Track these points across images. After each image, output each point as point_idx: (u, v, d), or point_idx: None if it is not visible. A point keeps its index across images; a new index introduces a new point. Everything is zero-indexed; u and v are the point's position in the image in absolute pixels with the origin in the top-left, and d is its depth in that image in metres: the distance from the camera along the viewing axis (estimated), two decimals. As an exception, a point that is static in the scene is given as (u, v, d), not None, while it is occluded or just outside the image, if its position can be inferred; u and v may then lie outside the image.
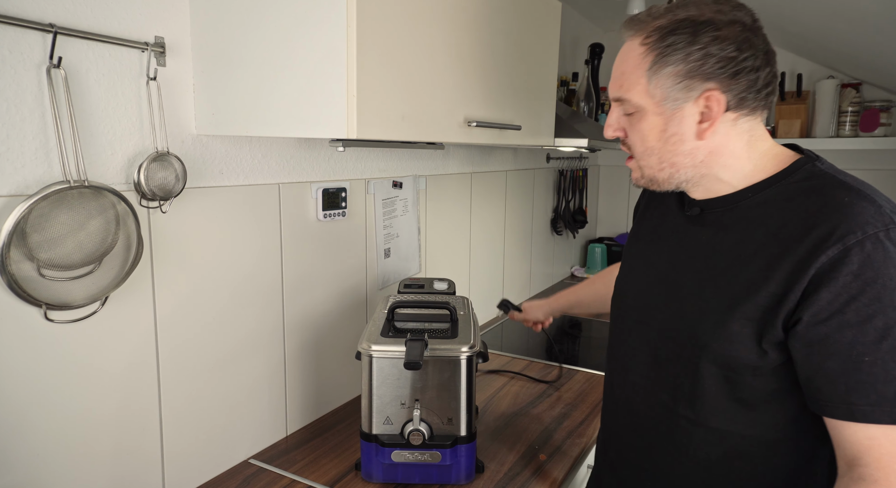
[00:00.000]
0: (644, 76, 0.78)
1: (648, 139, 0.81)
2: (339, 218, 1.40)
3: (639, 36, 0.79)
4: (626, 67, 0.81)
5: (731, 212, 0.82)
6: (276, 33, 0.93)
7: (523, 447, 1.28)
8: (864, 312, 0.68)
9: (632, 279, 0.97)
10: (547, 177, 2.67)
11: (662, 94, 0.78)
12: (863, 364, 0.68)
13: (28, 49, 0.82)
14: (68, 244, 0.85)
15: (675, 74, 0.77)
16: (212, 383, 1.15)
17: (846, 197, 0.73)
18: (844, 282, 0.68)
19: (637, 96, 0.80)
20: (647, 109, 0.80)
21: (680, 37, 0.76)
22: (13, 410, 0.85)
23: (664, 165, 0.82)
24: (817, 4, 1.80)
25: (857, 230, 0.69)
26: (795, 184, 0.78)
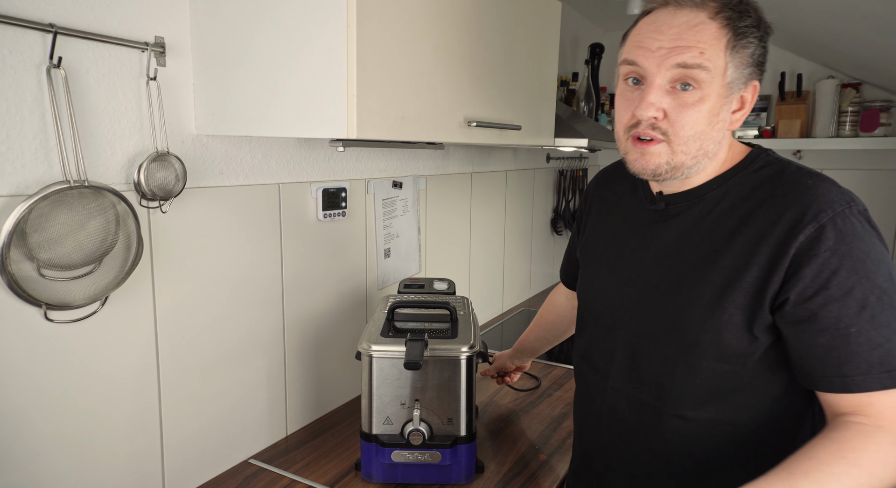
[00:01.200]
0: (724, 55, 0.73)
1: (700, 122, 0.76)
2: (339, 218, 1.40)
3: (704, 10, 0.73)
4: (702, 40, 0.73)
5: (697, 205, 0.83)
6: (276, 33, 0.93)
7: (523, 447, 1.28)
8: (844, 285, 0.71)
9: (598, 284, 0.96)
10: (547, 177, 2.67)
11: (733, 77, 0.75)
12: (850, 335, 0.71)
13: (28, 49, 0.82)
14: (68, 244, 0.85)
15: (748, 58, 0.75)
16: (212, 383, 1.15)
17: (809, 180, 0.76)
18: (824, 258, 0.71)
19: (715, 76, 0.74)
20: (713, 90, 0.74)
21: (751, 18, 0.74)
22: (13, 410, 0.85)
23: (700, 153, 0.78)
24: (817, 4, 1.79)
25: (827, 209, 0.72)
26: (755, 173, 0.80)
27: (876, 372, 0.70)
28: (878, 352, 0.70)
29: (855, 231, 0.72)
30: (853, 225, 0.72)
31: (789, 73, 2.63)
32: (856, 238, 0.71)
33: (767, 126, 2.65)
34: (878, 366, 0.70)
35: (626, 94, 0.81)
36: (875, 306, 0.70)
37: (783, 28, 2.27)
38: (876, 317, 0.70)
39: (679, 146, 0.77)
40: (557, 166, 2.73)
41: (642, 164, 0.80)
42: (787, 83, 2.62)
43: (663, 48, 0.74)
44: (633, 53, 0.78)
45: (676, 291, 0.82)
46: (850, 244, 0.71)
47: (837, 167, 2.66)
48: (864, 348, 0.70)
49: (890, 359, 0.70)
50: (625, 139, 0.82)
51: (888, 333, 0.70)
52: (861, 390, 0.71)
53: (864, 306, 0.70)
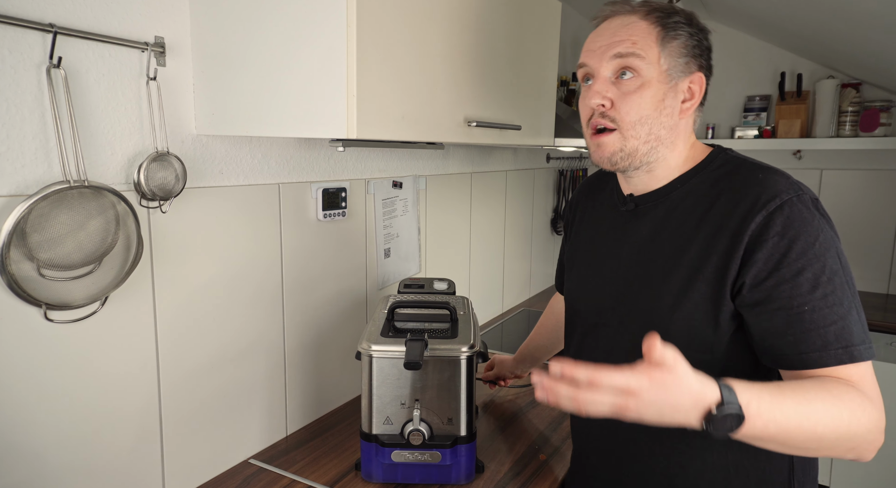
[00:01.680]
0: (656, 45, 0.83)
1: (645, 108, 0.83)
2: (339, 218, 1.40)
3: (635, 14, 0.85)
4: (633, 34, 0.83)
5: (663, 203, 0.88)
6: (276, 33, 0.93)
7: (523, 447, 1.28)
8: (794, 266, 0.75)
9: (580, 286, 1.01)
10: (547, 177, 2.67)
11: (669, 65, 0.83)
12: (804, 314, 0.74)
13: (28, 49, 0.82)
14: (68, 244, 0.85)
15: (681, 48, 0.84)
16: (212, 383, 1.15)
17: (760, 173, 0.82)
18: (773, 242, 0.76)
19: (650, 63, 0.83)
20: (653, 78, 0.83)
21: (679, 17, 0.84)
22: (13, 410, 0.85)
23: (651, 137, 0.85)
24: (817, 4, 1.80)
25: (775, 197, 0.77)
26: (715, 171, 0.86)
27: (832, 348, 0.73)
28: (833, 328, 0.73)
29: (802, 216, 0.76)
30: (800, 211, 0.76)
31: (789, 73, 2.63)
32: (803, 223, 0.76)
33: (767, 126, 2.65)
34: (835, 342, 0.73)
35: (583, 94, 0.90)
36: (826, 285, 0.74)
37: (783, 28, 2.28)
38: (828, 295, 0.74)
39: (628, 131, 0.84)
40: (557, 166, 2.73)
41: (599, 154, 0.87)
42: (787, 83, 2.62)
43: (602, 45, 0.85)
44: (582, 57, 0.89)
45: (648, 286, 0.87)
46: (798, 228, 0.75)
47: (837, 167, 2.66)
48: (819, 325, 0.73)
49: (845, 334, 0.73)
50: (587, 136, 0.90)
51: (841, 311, 0.73)
52: (819, 366, 0.74)
53: (816, 285, 0.74)
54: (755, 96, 2.72)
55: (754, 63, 2.73)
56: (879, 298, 2.56)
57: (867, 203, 2.60)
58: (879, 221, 2.60)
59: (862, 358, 0.73)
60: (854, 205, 2.63)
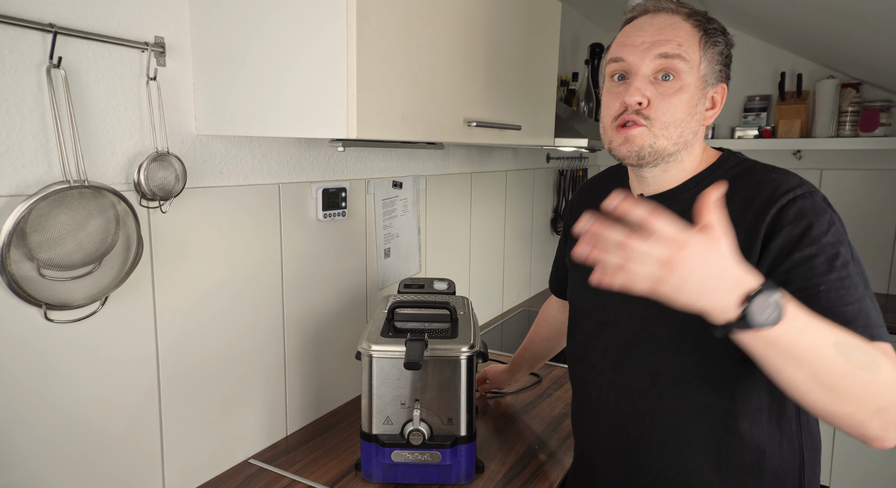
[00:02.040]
0: (699, 49, 0.84)
1: (680, 111, 0.84)
2: (339, 218, 1.40)
3: (679, 13, 0.85)
4: (679, 35, 0.83)
5: (676, 204, 0.88)
6: (276, 33, 0.93)
7: (523, 447, 1.28)
8: (808, 251, 0.76)
9: (584, 285, 1.00)
10: (547, 177, 2.67)
11: (706, 71, 0.85)
12: (820, 293, 0.73)
13: (28, 49, 0.82)
14: (68, 244, 0.85)
15: (718, 56, 0.85)
16: (212, 383, 1.15)
17: (773, 174, 0.84)
18: (787, 231, 0.77)
19: (692, 68, 0.83)
20: (691, 82, 0.84)
21: (717, 25, 0.85)
22: (13, 410, 0.85)
23: (680, 140, 0.86)
24: (817, 4, 1.80)
25: (788, 192, 0.80)
26: (728, 172, 0.88)
27: (853, 326, 0.69)
28: (851, 308, 0.72)
29: (815, 209, 0.78)
30: (813, 203, 0.78)
31: (789, 73, 2.63)
32: (816, 213, 0.77)
33: (767, 126, 2.65)
34: (854, 320, 0.71)
35: (612, 89, 0.88)
36: (842, 270, 0.74)
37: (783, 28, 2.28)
38: (843, 278, 0.74)
39: (660, 131, 0.84)
40: (557, 166, 2.73)
41: (627, 148, 0.86)
42: (787, 83, 2.62)
43: (646, 42, 0.84)
44: (618, 51, 0.87)
45: None
46: (811, 218, 0.77)
47: (837, 167, 2.66)
48: (836, 304, 0.72)
49: (863, 315, 0.72)
50: (610, 129, 0.88)
51: (858, 294, 0.73)
52: None
53: (831, 269, 0.74)
54: (755, 96, 2.72)
55: (754, 63, 2.73)
56: (879, 298, 2.56)
57: (867, 203, 2.60)
58: (879, 221, 2.60)
59: (883, 338, 0.70)
60: (854, 205, 2.63)
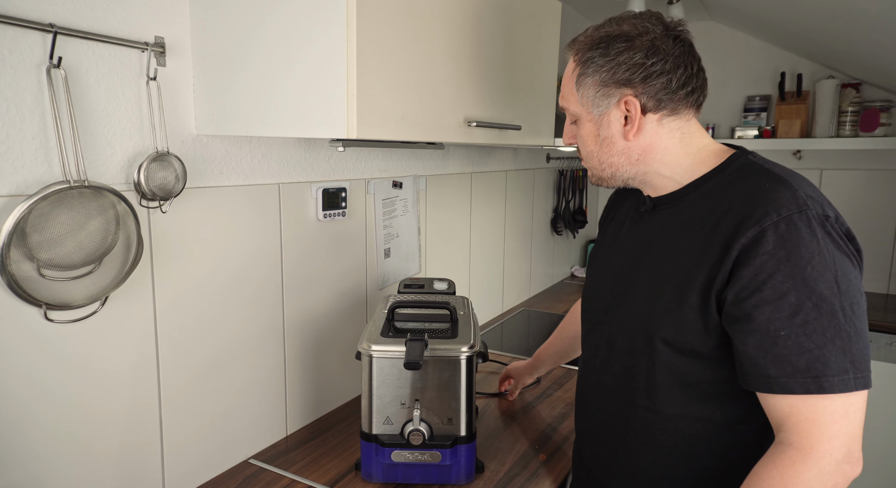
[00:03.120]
0: (574, 88, 0.89)
1: (588, 143, 0.91)
2: (339, 218, 1.40)
3: (571, 53, 0.91)
4: (564, 81, 0.92)
5: (677, 206, 0.88)
6: (276, 33, 0.93)
7: (523, 447, 1.28)
8: (779, 289, 0.72)
9: (592, 284, 1.03)
10: (547, 177, 2.67)
11: (589, 102, 0.88)
12: (779, 338, 0.73)
13: (28, 49, 0.82)
14: (68, 244, 0.85)
15: (594, 84, 0.86)
16: (212, 383, 1.15)
17: (766, 183, 0.79)
18: (761, 261, 0.73)
19: (573, 106, 0.90)
20: (582, 117, 0.90)
21: (597, 50, 0.85)
22: (13, 410, 0.85)
23: (604, 166, 0.90)
24: (817, 4, 1.80)
25: (772, 213, 0.74)
26: (729, 176, 0.84)
27: (800, 377, 0.71)
28: (807, 356, 0.71)
29: (799, 236, 0.73)
30: (798, 230, 0.73)
31: (789, 73, 2.63)
32: (798, 243, 0.72)
33: (767, 126, 2.65)
34: (804, 370, 0.71)
35: None
36: (810, 312, 0.71)
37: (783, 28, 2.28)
38: (809, 322, 0.71)
39: (587, 163, 0.94)
40: (557, 166, 2.73)
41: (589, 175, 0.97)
42: (787, 83, 2.62)
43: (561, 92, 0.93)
44: None
45: (650, 287, 0.88)
46: (790, 249, 0.72)
47: (837, 167, 2.66)
48: (793, 352, 0.72)
49: (817, 365, 0.71)
50: None
51: (821, 340, 0.71)
52: (783, 392, 0.73)
53: (797, 311, 0.72)
54: (755, 96, 2.72)
55: (754, 63, 2.72)
56: (879, 298, 2.56)
57: (867, 203, 2.60)
58: (879, 221, 2.60)
59: (835, 389, 0.70)
60: (854, 205, 2.63)
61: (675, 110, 0.85)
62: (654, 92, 0.83)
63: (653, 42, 0.82)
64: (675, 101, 0.84)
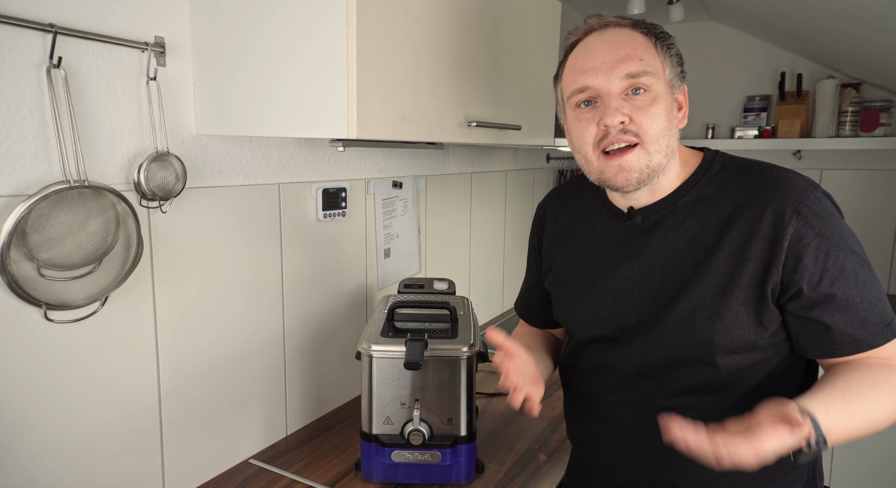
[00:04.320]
0: (659, 57, 0.82)
1: (660, 122, 0.80)
2: (339, 218, 1.40)
3: (623, 26, 0.83)
4: (636, 48, 0.80)
5: (672, 214, 0.86)
6: (276, 34, 0.93)
7: (523, 447, 1.28)
8: (839, 263, 0.78)
9: (589, 310, 0.93)
10: (547, 177, 2.67)
11: (671, 75, 0.83)
12: (857, 305, 0.78)
13: (28, 49, 0.82)
14: (68, 244, 0.85)
15: (676, 58, 0.84)
16: (212, 383, 1.15)
17: (775, 173, 0.82)
18: (815, 244, 0.77)
19: (658, 78, 0.81)
20: (662, 92, 0.81)
21: (665, 34, 0.84)
22: (13, 410, 0.85)
23: (669, 150, 0.83)
24: (817, 4, 1.80)
25: (802, 199, 0.79)
26: (718, 175, 0.85)
27: (879, 329, 0.78)
28: (878, 311, 0.78)
29: (829, 212, 0.79)
30: (825, 206, 0.80)
31: (789, 73, 2.63)
32: (831, 218, 0.79)
33: (767, 126, 2.65)
34: (879, 322, 0.78)
35: (581, 116, 0.84)
36: (861, 272, 0.78)
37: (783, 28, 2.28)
38: (865, 281, 0.78)
39: (651, 145, 0.81)
40: (557, 166, 2.73)
41: (625, 176, 0.82)
42: (787, 83, 2.62)
43: (606, 62, 0.80)
44: (579, 79, 0.83)
45: (677, 299, 0.83)
46: (830, 225, 0.79)
47: (837, 167, 2.66)
48: (868, 312, 0.78)
49: (884, 315, 0.79)
50: (595, 158, 0.84)
51: (877, 293, 0.79)
52: (870, 348, 0.78)
53: (857, 275, 0.78)
54: (755, 96, 2.72)
55: (754, 63, 2.72)
56: (879, 298, 2.56)
57: (867, 203, 2.60)
58: (879, 221, 2.60)
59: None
60: (854, 205, 2.63)
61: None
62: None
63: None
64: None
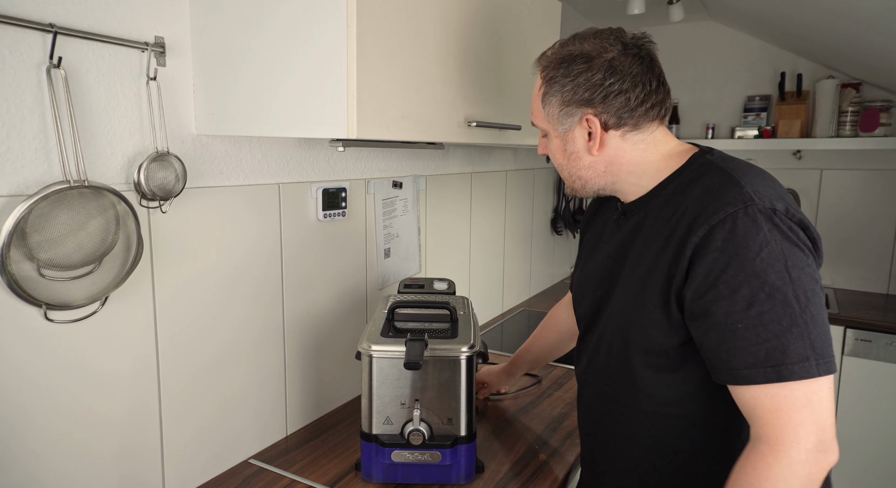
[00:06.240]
0: (541, 105, 0.92)
1: (557, 157, 0.94)
2: (339, 218, 1.40)
3: (538, 69, 0.93)
4: (533, 98, 0.95)
5: (644, 211, 0.90)
6: (276, 34, 0.93)
7: (523, 447, 1.28)
8: (732, 283, 0.75)
9: (579, 291, 1.05)
10: (547, 177, 2.67)
11: (555, 119, 0.91)
12: (737, 331, 0.75)
13: (28, 49, 0.82)
14: (68, 244, 0.85)
15: (558, 103, 0.89)
16: (212, 383, 1.15)
17: (717, 183, 0.81)
18: (713, 258, 0.76)
19: (540, 122, 0.94)
20: (550, 132, 0.93)
21: (559, 70, 0.88)
22: (13, 410, 0.85)
23: (574, 178, 0.94)
24: (818, 4, 1.80)
25: (719, 211, 0.77)
26: (689, 176, 0.86)
27: (761, 366, 0.73)
28: (766, 346, 0.73)
29: (745, 230, 0.75)
30: (744, 224, 0.75)
31: (789, 73, 2.63)
32: (745, 237, 0.75)
33: (767, 126, 2.65)
34: (765, 360, 0.73)
35: None
36: (764, 303, 0.73)
37: (783, 28, 2.28)
38: (765, 313, 0.73)
39: (560, 173, 0.97)
40: (557, 166, 2.73)
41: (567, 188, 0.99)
42: (787, 83, 2.62)
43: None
44: None
45: (623, 289, 0.91)
46: (739, 244, 0.75)
47: (837, 167, 2.66)
48: (752, 343, 0.74)
49: (776, 353, 0.73)
50: None
51: (778, 329, 0.73)
52: (746, 383, 0.74)
53: (752, 303, 0.73)
54: (755, 96, 2.72)
55: (754, 63, 2.72)
56: (879, 298, 2.56)
57: (867, 203, 2.60)
58: (879, 221, 2.60)
59: (795, 376, 0.72)
60: (854, 205, 2.63)
61: (636, 125, 0.87)
62: (615, 110, 0.86)
63: (611, 62, 0.85)
64: (635, 117, 0.86)
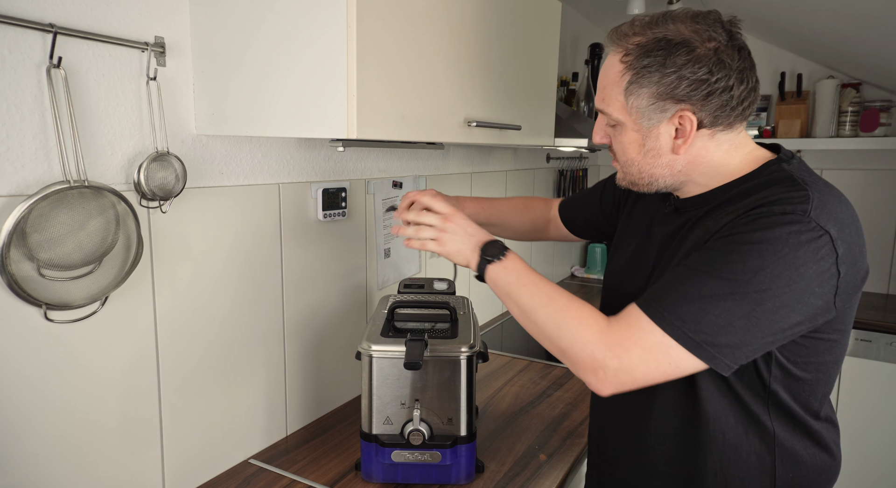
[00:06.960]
0: (622, 94, 0.82)
1: (629, 151, 0.86)
2: (339, 218, 1.40)
3: (619, 51, 0.81)
4: (606, 82, 0.84)
5: (700, 209, 0.87)
6: (276, 33, 0.93)
7: (523, 447, 1.28)
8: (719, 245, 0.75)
9: (613, 274, 1.03)
10: (547, 177, 2.67)
11: (639, 112, 0.81)
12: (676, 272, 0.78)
13: (28, 49, 0.82)
14: (68, 244, 0.85)
15: (650, 95, 0.79)
16: (212, 383, 1.15)
17: (783, 190, 0.77)
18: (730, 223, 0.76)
19: (617, 112, 0.83)
20: (626, 125, 0.84)
21: (655, 58, 0.78)
22: (13, 410, 0.85)
23: (644, 175, 0.87)
24: (817, 4, 1.80)
25: (773, 203, 0.74)
26: (755, 183, 0.81)
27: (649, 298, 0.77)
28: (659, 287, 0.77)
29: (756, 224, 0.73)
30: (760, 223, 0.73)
31: (789, 73, 2.63)
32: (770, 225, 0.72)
33: (767, 126, 2.65)
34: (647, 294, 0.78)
35: None
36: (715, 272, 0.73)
37: (783, 28, 2.28)
38: (699, 273, 0.74)
39: (623, 167, 0.89)
40: (557, 166, 2.73)
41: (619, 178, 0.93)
42: (787, 83, 2.62)
43: (598, 91, 0.88)
44: None
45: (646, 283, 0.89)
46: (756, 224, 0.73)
47: (837, 167, 2.66)
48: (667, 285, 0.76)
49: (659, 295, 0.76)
50: None
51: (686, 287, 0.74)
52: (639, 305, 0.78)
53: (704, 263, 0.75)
54: (755, 96, 2.72)
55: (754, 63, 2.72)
56: (879, 298, 2.56)
57: (867, 203, 2.60)
58: (879, 221, 2.60)
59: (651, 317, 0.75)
60: (854, 205, 2.62)
61: (730, 125, 0.81)
62: (714, 108, 0.78)
63: (718, 54, 0.76)
64: (732, 116, 0.80)
